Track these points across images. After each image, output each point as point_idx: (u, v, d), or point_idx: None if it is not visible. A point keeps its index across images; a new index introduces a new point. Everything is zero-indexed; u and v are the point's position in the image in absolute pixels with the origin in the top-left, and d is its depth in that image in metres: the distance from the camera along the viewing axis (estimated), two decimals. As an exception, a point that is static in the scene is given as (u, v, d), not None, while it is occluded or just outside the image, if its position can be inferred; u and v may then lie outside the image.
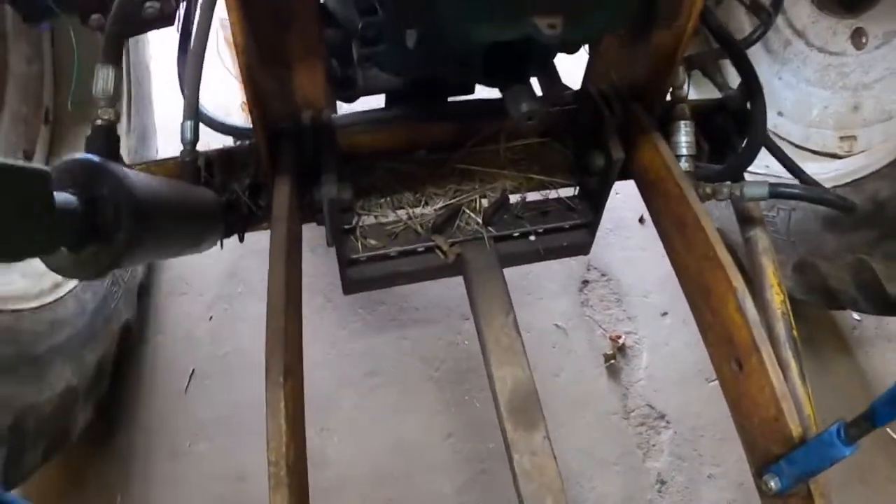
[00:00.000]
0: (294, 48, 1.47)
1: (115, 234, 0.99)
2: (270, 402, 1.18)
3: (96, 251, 0.99)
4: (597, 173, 1.69)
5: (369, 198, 1.70)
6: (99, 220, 0.99)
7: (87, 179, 0.99)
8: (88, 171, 0.99)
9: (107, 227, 0.99)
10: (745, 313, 1.38)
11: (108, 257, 1.00)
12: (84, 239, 0.99)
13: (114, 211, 0.99)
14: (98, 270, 1.01)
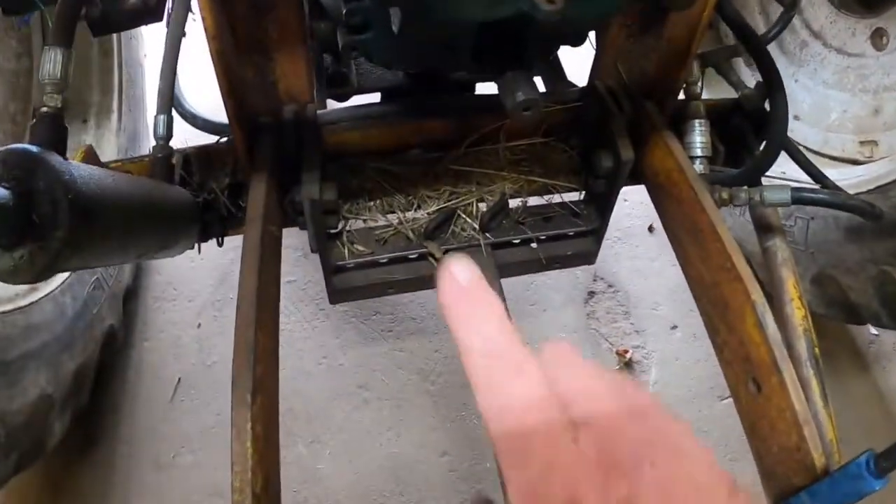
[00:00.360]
0: (274, 35, 1.36)
1: (53, 232, 0.88)
2: (236, 423, 1.06)
3: (31, 251, 0.88)
4: (604, 175, 1.56)
5: (357, 200, 1.58)
6: (35, 216, 0.88)
7: (23, 171, 0.88)
8: (24, 162, 0.89)
9: (43, 223, 0.88)
10: (765, 330, 1.26)
11: (45, 258, 0.89)
12: (19, 238, 0.88)
13: (51, 206, 0.88)
14: (34, 273, 0.90)
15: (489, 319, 0.53)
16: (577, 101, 1.65)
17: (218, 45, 1.22)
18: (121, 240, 1.08)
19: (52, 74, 1.16)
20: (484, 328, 0.53)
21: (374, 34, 1.30)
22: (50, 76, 1.16)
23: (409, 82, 1.84)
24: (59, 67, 1.16)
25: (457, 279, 0.55)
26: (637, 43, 1.59)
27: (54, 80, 1.16)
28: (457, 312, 0.54)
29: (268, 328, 1.21)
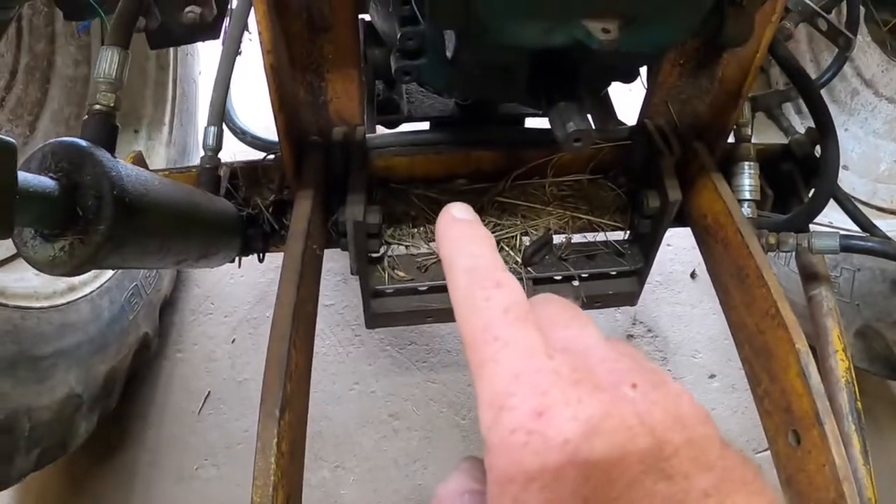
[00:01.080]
0: (329, 55, 1.36)
1: (95, 226, 0.89)
2: (262, 437, 1.05)
3: (72, 243, 0.89)
4: (650, 215, 1.54)
5: (401, 226, 1.57)
6: (79, 209, 0.89)
7: (71, 164, 0.90)
8: (72, 155, 0.90)
9: (87, 217, 0.89)
10: (808, 380, 1.22)
11: (85, 252, 0.90)
12: (61, 229, 0.90)
13: (96, 200, 0.89)
14: (73, 266, 0.91)
15: (479, 244, 0.53)
16: (626, 140, 1.63)
17: (272, 60, 1.22)
18: (161, 242, 1.09)
19: (107, 74, 1.17)
20: (472, 249, 0.52)
21: (427, 60, 1.30)
22: (105, 75, 1.17)
23: (458, 113, 1.84)
24: (115, 67, 1.18)
25: (454, 215, 0.56)
26: (689, 82, 1.57)
27: (109, 80, 1.17)
28: (449, 238, 0.54)
29: (302, 346, 1.21)
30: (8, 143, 0.75)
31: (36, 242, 0.92)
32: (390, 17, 1.38)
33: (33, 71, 2.29)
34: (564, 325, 0.50)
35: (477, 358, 0.45)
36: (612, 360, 0.46)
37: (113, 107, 1.17)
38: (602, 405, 0.41)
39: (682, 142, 1.57)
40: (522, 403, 0.42)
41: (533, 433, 0.40)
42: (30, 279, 1.87)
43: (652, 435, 0.41)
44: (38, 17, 2.28)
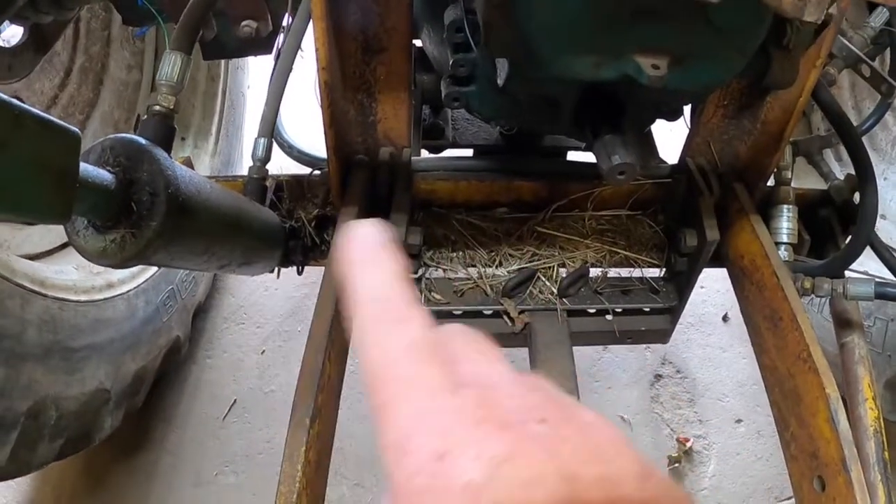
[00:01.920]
0: (381, 76, 1.39)
1: (148, 220, 0.92)
2: (290, 444, 1.07)
3: (123, 236, 0.92)
4: (687, 254, 1.55)
5: (440, 249, 1.59)
6: (133, 203, 0.92)
7: (128, 160, 0.93)
8: (130, 151, 0.94)
9: (140, 211, 0.93)
10: (837, 426, 1.22)
11: (135, 246, 0.93)
12: (114, 221, 0.93)
13: (150, 197, 0.92)
14: (122, 258, 0.94)
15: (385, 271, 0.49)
16: (667, 177, 1.64)
17: (327, 77, 1.25)
18: (208, 244, 1.11)
19: (169, 77, 1.21)
20: (377, 277, 0.49)
21: (477, 87, 1.32)
22: (167, 78, 1.21)
23: (502, 142, 1.86)
24: (178, 71, 1.21)
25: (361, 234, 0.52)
26: (731, 123, 1.58)
27: (171, 83, 1.21)
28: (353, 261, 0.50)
29: (336, 359, 1.23)
30: (73, 131, 0.77)
31: (88, 232, 0.94)
32: (442, 44, 1.41)
33: (87, 72, 2.35)
34: (472, 360, 0.47)
35: (378, 398, 0.43)
36: (521, 395, 0.43)
37: (172, 109, 1.21)
38: (507, 444, 0.38)
39: (722, 182, 1.58)
40: (423, 445, 0.39)
41: (435, 476, 0.37)
42: (69, 272, 1.91)
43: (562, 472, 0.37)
44: (95, 20, 2.35)
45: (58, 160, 0.74)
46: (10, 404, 1.60)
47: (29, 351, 1.64)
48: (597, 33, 1.01)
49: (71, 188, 0.77)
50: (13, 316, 1.59)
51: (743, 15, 0.95)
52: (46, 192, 0.73)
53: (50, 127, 0.72)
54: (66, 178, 0.76)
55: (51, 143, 0.73)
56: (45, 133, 0.71)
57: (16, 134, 0.67)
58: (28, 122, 0.68)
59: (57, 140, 0.74)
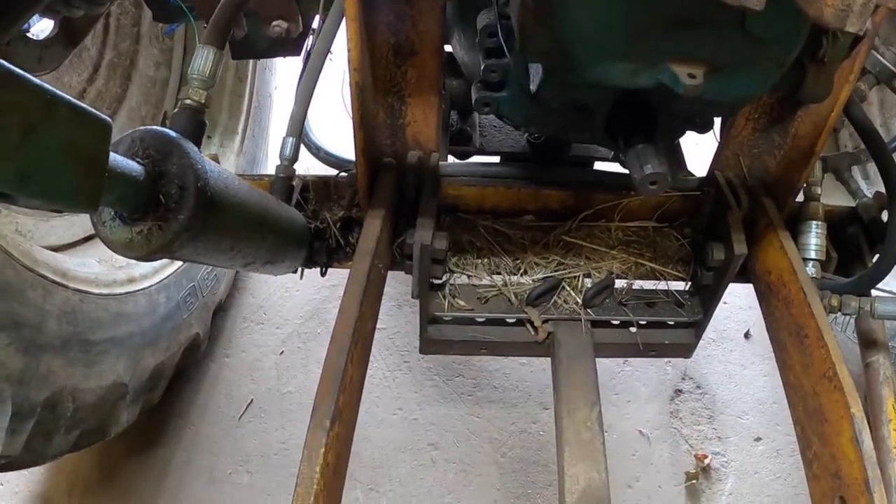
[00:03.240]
0: (412, 80, 1.39)
1: (176, 213, 0.92)
2: (310, 445, 1.06)
3: (151, 229, 0.92)
4: (714, 268, 1.54)
5: (465, 255, 1.59)
6: (162, 196, 0.92)
7: (159, 153, 0.93)
8: (160, 144, 0.94)
9: (168, 204, 0.92)
10: (861, 446, 1.20)
11: (162, 238, 0.92)
12: (142, 213, 0.93)
13: (179, 190, 0.92)
14: (148, 250, 0.93)
15: None
16: (696, 190, 1.63)
17: (359, 78, 1.25)
18: (234, 241, 1.11)
19: (201, 71, 1.21)
20: None
21: (509, 93, 1.32)
22: (199, 72, 1.21)
23: (529, 150, 1.86)
24: (210, 65, 1.21)
25: None
26: (762, 137, 1.57)
27: (202, 77, 1.21)
28: None
29: (358, 361, 1.22)
30: (104, 119, 0.77)
31: (115, 223, 0.94)
32: (473, 49, 1.41)
33: (115, 68, 2.36)
34: None
35: None
36: None
37: (203, 103, 1.21)
38: None
39: (751, 196, 1.57)
40: None
41: None
42: (92, 265, 1.91)
43: None
44: (125, 16, 2.37)
45: (88, 147, 0.74)
46: (27, 394, 1.61)
47: (48, 341, 1.64)
48: (634, 40, 1.00)
49: (100, 176, 0.76)
50: (34, 306, 1.60)
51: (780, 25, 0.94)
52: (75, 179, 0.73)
53: (81, 114, 0.72)
54: (96, 166, 0.76)
55: (82, 129, 0.72)
56: (76, 119, 0.71)
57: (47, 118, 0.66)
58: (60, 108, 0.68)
59: (88, 127, 0.73)
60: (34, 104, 0.64)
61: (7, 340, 1.51)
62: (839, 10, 0.66)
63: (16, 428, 1.61)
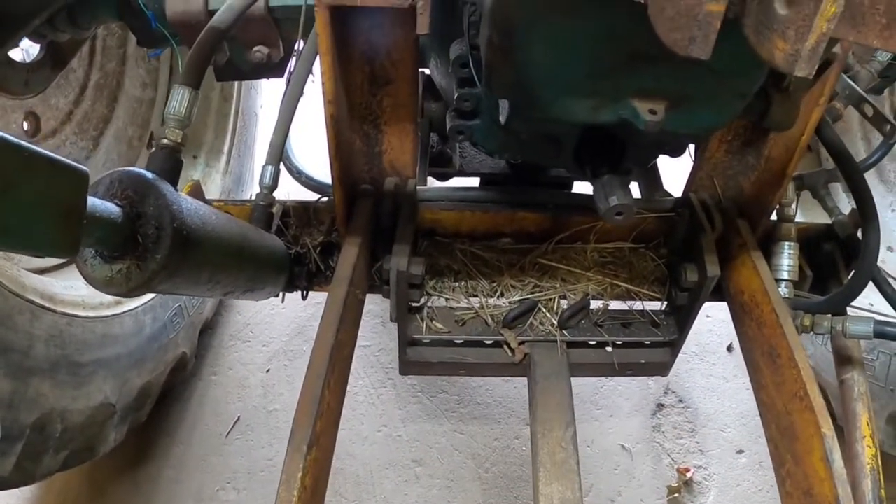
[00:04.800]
0: (387, 108, 1.42)
1: (153, 254, 0.95)
2: (287, 469, 1.09)
3: (130, 267, 0.95)
4: (688, 289, 1.57)
5: (443, 279, 1.62)
6: (139, 236, 0.95)
7: (136, 194, 0.96)
8: (138, 185, 0.97)
9: (146, 244, 0.96)
10: (832, 465, 1.23)
11: (140, 277, 0.96)
12: (120, 252, 0.96)
13: (156, 230, 0.95)
14: (127, 288, 0.97)
15: None
16: (671, 212, 1.66)
17: (333, 110, 1.28)
18: (212, 275, 1.14)
19: (177, 111, 1.24)
20: None
21: (481, 121, 1.35)
22: (175, 112, 1.24)
23: (509, 171, 1.88)
24: (185, 106, 1.24)
25: None
26: (735, 158, 1.61)
27: (178, 117, 1.24)
28: None
29: (336, 387, 1.24)
30: (82, 170, 0.80)
31: (95, 262, 0.97)
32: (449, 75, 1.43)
33: (102, 89, 2.38)
34: None
35: None
36: None
37: (180, 143, 1.23)
38: None
39: (725, 217, 1.60)
40: None
41: None
42: (79, 288, 1.93)
43: None
44: (111, 37, 2.39)
45: (66, 198, 0.76)
46: (16, 416, 1.63)
47: (37, 365, 1.66)
48: (594, 78, 1.03)
49: (78, 225, 0.79)
50: (22, 330, 1.62)
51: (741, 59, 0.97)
52: (54, 229, 0.75)
53: (59, 167, 0.75)
54: (74, 215, 0.78)
55: (60, 182, 0.75)
56: (54, 173, 0.74)
57: (26, 174, 0.69)
58: (38, 164, 0.71)
59: (66, 179, 0.76)
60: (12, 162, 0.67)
61: (-5, 365, 1.53)
62: (788, 55, 0.68)
63: (5, 450, 1.64)
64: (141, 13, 1.73)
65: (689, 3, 0.65)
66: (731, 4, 0.72)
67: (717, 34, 0.67)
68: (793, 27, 0.67)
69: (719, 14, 0.65)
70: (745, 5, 0.73)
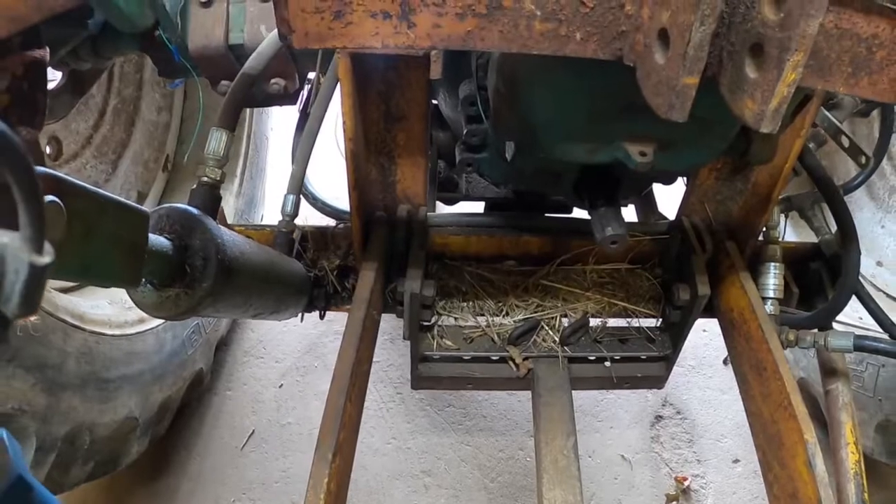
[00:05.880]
0: (401, 142, 1.53)
1: (200, 282, 1.06)
2: (314, 475, 1.19)
3: (179, 294, 1.06)
4: (680, 307, 1.68)
5: (452, 299, 1.73)
6: (188, 266, 1.06)
7: (183, 228, 1.07)
8: (186, 221, 1.07)
9: (194, 274, 1.06)
10: (814, 469, 1.33)
11: (189, 302, 1.06)
12: (170, 281, 1.06)
13: (202, 261, 1.06)
14: (177, 312, 1.07)
15: None
16: (664, 234, 1.77)
17: (353, 147, 1.39)
18: (246, 297, 1.25)
19: (215, 151, 1.37)
20: None
21: (488, 154, 1.46)
22: (213, 153, 1.37)
23: (512, 196, 2.00)
24: (223, 146, 1.37)
25: None
26: (725, 185, 1.71)
27: (216, 157, 1.37)
28: None
29: (356, 400, 1.35)
30: (143, 211, 0.91)
31: (146, 289, 1.07)
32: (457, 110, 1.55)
33: (120, 113, 2.49)
34: None
35: None
36: None
37: (218, 180, 1.35)
38: None
39: (715, 239, 1.71)
40: None
41: None
42: (104, 307, 2.04)
43: None
44: (128, 64, 2.50)
45: (131, 236, 0.87)
46: (49, 429, 1.72)
47: (68, 380, 1.76)
48: (590, 125, 1.15)
49: (141, 258, 0.90)
50: (56, 348, 1.72)
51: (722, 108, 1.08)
52: (122, 264, 0.86)
53: (125, 209, 0.86)
54: (137, 250, 0.89)
55: (126, 222, 0.86)
56: (121, 215, 0.85)
57: (101, 218, 0.80)
58: (109, 208, 0.82)
59: (130, 219, 0.87)
60: (91, 209, 0.78)
61: (33, 381, 1.63)
62: (756, 114, 0.78)
63: (39, 460, 1.73)
64: (163, 46, 1.83)
65: (668, 75, 0.76)
66: (710, 65, 0.83)
67: (692, 101, 0.77)
68: (759, 90, 0.77)
69: (694, 85, 0.75)
70: (722, 66, 0.84)
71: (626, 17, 0.85)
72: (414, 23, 0.84)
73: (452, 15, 0.84)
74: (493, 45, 0.86)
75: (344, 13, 0.84)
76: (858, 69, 0.96)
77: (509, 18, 0.84)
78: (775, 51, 0.74)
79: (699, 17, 0.70)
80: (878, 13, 0.89)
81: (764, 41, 0.75)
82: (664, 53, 0.77)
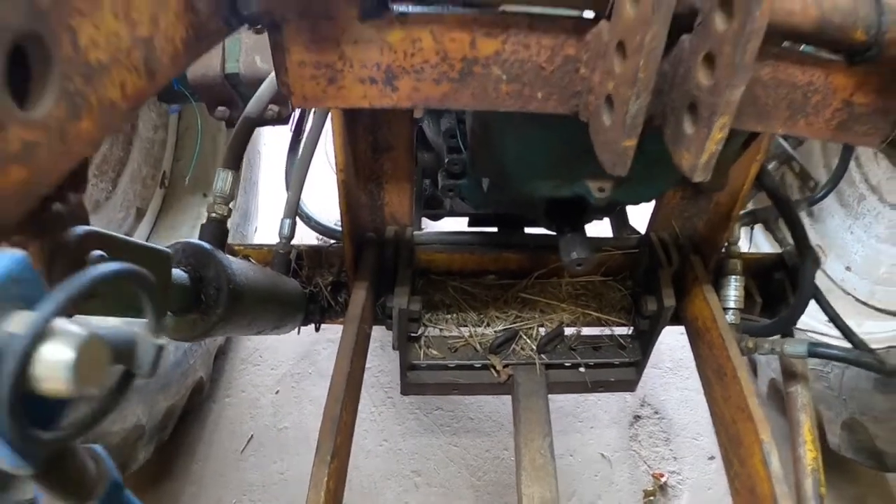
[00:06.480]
0: (388, 170, 1.67)
1: (214, 309, 1.19)
2: (315, 476, 1.32)
3: (195, 320, 1.20)
4: (648, 316, 1.80)
5: (437, 312, 1.86)
6: (203, 295, 1.19)
7: (198, 261, 1.20)
8: (200, 255, 1.21)
9: (208, 302, 1.19)
10: (769, 467, 1.45)
11: (204, 326, 1.20)
12: (188, 308, 1.19)
13: (216, 290, 1.19)
14: (193, 335, 1.21)
15: None
16: (635, 249, 1.91)
17: (344, 177, 1.53)
18: (251, 318, 1.38)
19: (222, 190, 1.50)
20: None
21: (468, 181, 1.60)
22: (220, 191, 1.50)
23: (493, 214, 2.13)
24: (229, 185, 1.50)
25: None
26: (690, 204, 1.85)
27: (223, 195, 1.50)
28: None
29: (350, 407, 1.49)
30: (166, 251, 1.04)
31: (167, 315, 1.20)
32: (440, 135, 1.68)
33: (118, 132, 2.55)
34: None
35: None
36: None
37: (225, 216, 1.49)
38: None
39: (682, 253, 1.84)
40: None
41: None
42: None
43: None
44: (126, 83, 2.57)
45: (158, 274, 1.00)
46: (66, 438, 1.84)
47: (87, 392, 1.87)
48: (554, 166, 1.30)
49: (167, 294, 1.03)
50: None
51: (671, 149, 1.23)
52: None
53: (153, 252, 0.99)
54: (163, 285, 1.02)
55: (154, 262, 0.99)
56: (150, 256, 0.98)
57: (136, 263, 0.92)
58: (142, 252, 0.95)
59: (157, 259, 1.00)
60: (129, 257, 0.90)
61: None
62: (691, 165, 0.91)
63: (56, 470, 1.84)
64: (164, 76, 1.94)
65: (612, 136, 0.89)
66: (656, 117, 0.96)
67: (631, 159, 0.90)
68: (693, 145, 0.90)
69: (632, 147, 0.88)
70: (666, 120, 0.97)
71: (580, 79, 0.98)
72: (397, 87, 0.97)
73: (430, 80, 0.97)
74: (466, 105, 1.00)
75: (336, 79, 0.97)
76: (795, 113, 1.06)
77: (479, 82, 0.97)
78: (706, 112, 0.85)
79: (635, 92, 0.83)
80: (812, 63, 1.00)
81: (698, 102, 0.86)
82: (610, 116, 0.91)
